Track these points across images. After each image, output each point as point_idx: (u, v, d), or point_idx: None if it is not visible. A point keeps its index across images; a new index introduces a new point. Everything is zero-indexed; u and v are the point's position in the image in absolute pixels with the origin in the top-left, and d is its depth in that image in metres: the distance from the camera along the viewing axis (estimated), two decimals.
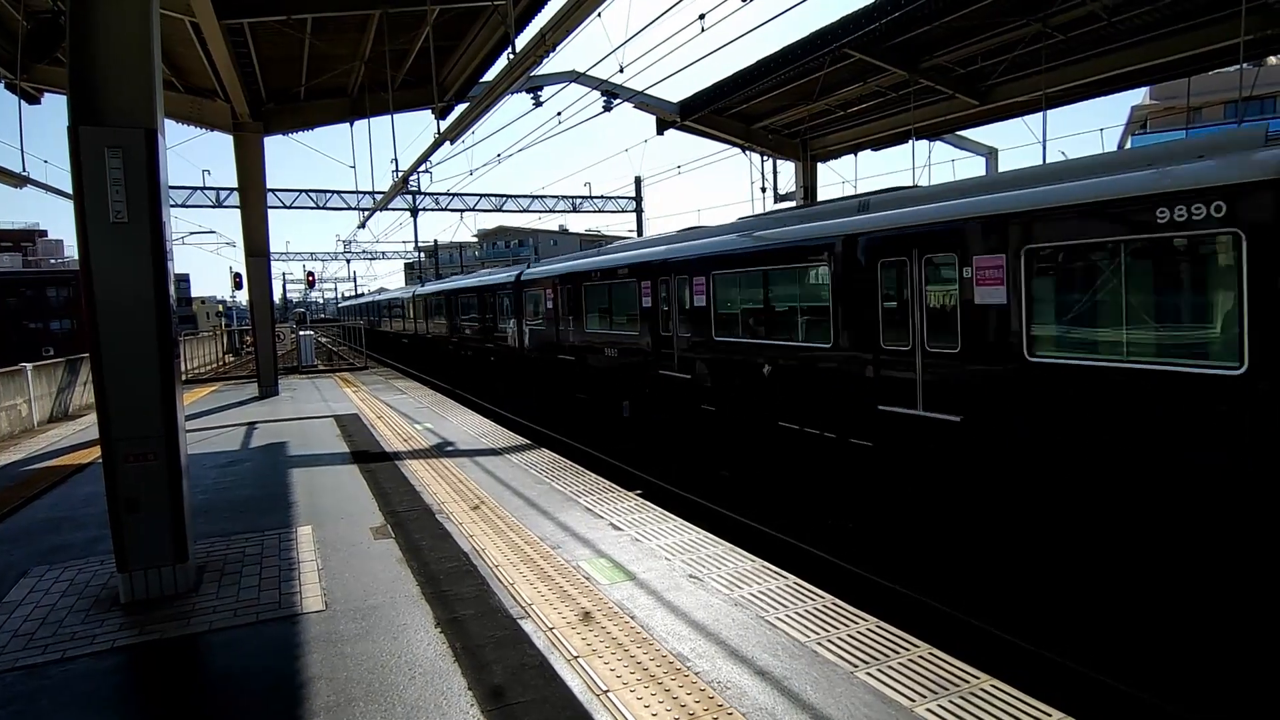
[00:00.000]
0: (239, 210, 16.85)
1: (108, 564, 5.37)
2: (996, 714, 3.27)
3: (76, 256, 5.02)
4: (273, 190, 28.91)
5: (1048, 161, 8.33)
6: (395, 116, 15.96)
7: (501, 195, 33.89)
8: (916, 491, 7.16)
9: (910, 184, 10.44)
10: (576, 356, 14.98)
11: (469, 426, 11.31)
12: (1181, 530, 5.15)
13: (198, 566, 5.30)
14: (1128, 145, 30.71)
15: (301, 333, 27.50)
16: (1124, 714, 5.12)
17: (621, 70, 10.33)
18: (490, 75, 14.12)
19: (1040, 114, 15.34)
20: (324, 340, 49.19)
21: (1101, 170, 5.77)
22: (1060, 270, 6.04)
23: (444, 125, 13.95)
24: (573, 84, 15.76)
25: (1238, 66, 12.07)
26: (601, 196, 34.76)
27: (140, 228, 4.67)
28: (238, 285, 23.02)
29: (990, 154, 20.48)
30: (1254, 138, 4.99)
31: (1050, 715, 3.25)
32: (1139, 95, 35.13)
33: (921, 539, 7.26)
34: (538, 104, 17.13)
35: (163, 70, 5.39)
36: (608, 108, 17.20)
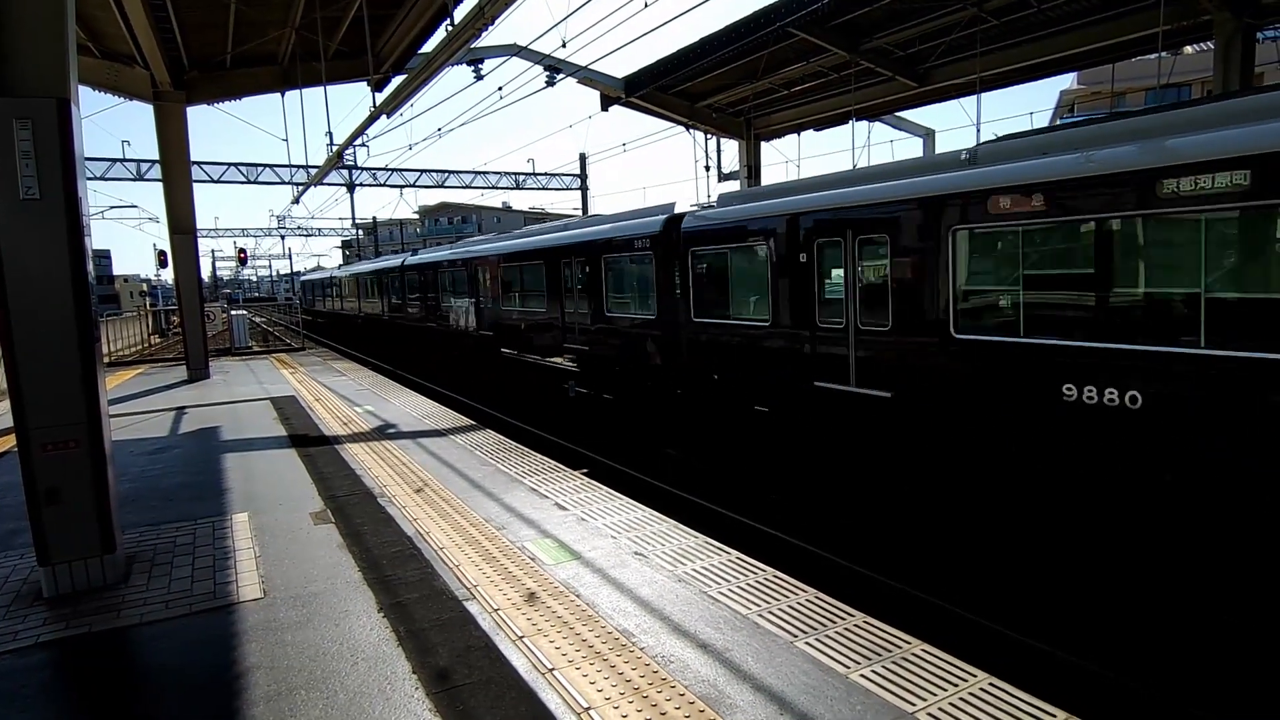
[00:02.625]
0: (162, 184, 16.03)
1: (28, 557, 5.12)
2: (927, 676, 3.44)
3: None
4: (198, 163, 27.60)
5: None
6: (329, 88, 15.39)
7: (443, 171, 33.10)
8: None
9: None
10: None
11: (411, 408, 11.13)
12: None
13: (126, 557, 5.11)
14: None
15: (234, 313, 26.48)
16: (1037, 670, 5.44)
17: (564, 45, 10.21)
18: (429, 47, 13.77)
19: (975, 97, 15.78)
20: (259, 320, 47.47)
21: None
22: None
23: (380, 98, 13.54)
24: (514, 58, 15.46)
25: (1157, 55, 12.61)
26: (546, 174, 34.31)
27: (54, 203, 4.41)
28: (163, 263, 22.00)
29: (928, 135, 20.96)
30: None
31: (976, 675, 3.44)
32: (1067, 80, 36.44)
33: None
34: (479, 77, 16.75)
35: (77, 34, 5.08)
36: (550, 83, 16.91)
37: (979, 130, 16.53)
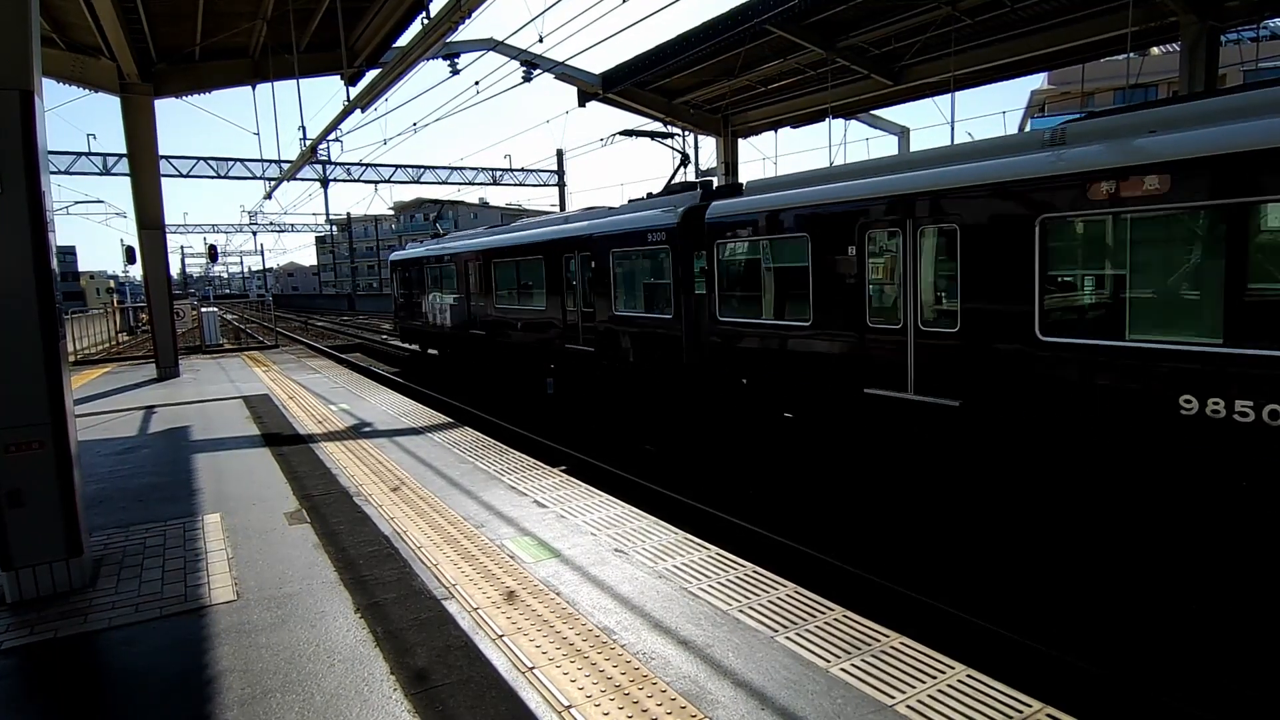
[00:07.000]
0: (129, 178, 15.68)
1: None
2: (906, 669, 3.46)
3: None
4: (167, 157, 27.10)
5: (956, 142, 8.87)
6: (302, 81, 15.15)
7: (419, 166, 32.84)
8: None
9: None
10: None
11: (388, 406, 11.01)
12: None
13: (94, 560, 4.99)
14: (1027, 127, 32.24)
15: (204, 309, 26.02)
16: (1013, 659, 5.51)
17: (541, 40, 10.14)
18: (404, 40, 13.56)
19: (949, 95, 15.94)
20: (230, 318, 46.71)
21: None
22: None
23: (355, 92, 13.34)
24: (491, 52, 15.33)
25: (1125, 55, 12.85)
26: (523, 169, 34.12)
27: (16, 198, 4.29)
28: (130, 259, 21.56)
29: (902, 133, 21.15)
30: None
31: (954, 667, 3.47)
32: (1038, 80, 36.98)
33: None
34: (455, 72, 16.62)
35: (41, 25, 4.92)
36: (527, 78, 16.83)
37: (953, 128, 16.70)
